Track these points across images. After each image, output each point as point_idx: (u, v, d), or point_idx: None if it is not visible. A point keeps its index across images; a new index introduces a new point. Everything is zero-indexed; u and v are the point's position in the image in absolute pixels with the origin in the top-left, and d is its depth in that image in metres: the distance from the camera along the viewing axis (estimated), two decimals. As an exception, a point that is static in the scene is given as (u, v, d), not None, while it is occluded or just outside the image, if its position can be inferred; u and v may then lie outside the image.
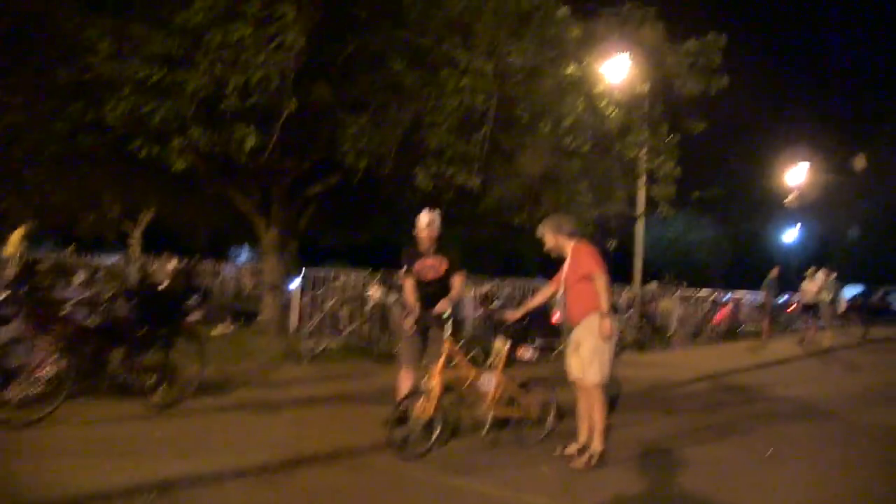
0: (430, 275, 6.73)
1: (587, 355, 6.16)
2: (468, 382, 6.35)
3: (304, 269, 11.58)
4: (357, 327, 11.57)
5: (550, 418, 6.94)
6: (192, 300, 7.43)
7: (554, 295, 6.91)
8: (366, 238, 24.96)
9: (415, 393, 6.19)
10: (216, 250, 29.77)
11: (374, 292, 11.14)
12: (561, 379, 8.95)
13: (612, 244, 24.66)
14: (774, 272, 21.56)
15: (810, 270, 21.35)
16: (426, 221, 6.67)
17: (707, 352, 16.53)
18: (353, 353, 11.31)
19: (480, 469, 6.02)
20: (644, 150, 13.93)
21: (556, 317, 7.14)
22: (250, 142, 8.20)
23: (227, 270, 24.58)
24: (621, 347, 14.48)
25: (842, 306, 21.01)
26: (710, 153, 25.76)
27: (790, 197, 30.73)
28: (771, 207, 46.95)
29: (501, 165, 10.05)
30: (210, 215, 19.78)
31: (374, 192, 14.74)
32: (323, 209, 14.88)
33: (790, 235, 54.16)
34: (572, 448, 6.43)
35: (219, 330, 13.12)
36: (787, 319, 23.85)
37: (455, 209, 11.85)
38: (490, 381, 6.42)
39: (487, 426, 6.54)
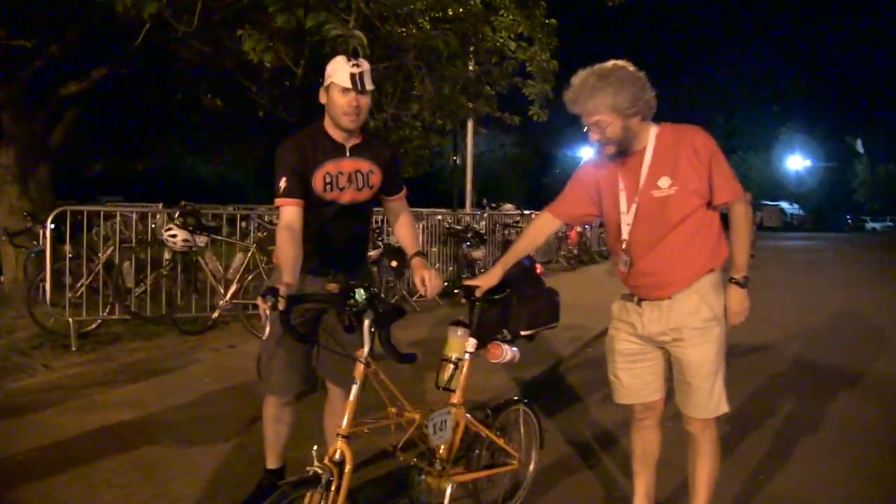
0: (349, 194, 3.28)
1: (706, 360, 3.07)
2: (405, 436, 3.07)
3: (57, 206, 7.63)
4: (149, 287, 7.84)
5: (533, 459, 3.88)
6: None
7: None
8: (147, 166, 20.17)
9: (303, 483, 2.68)
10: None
11: (176, 235, 7.42)
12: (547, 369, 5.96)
13: (454, 158, 21.88)
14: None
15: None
16: (350, 74, 3.09)
17: (577, 281, 14.24)
18: (147, 327, 7.61)
19: None
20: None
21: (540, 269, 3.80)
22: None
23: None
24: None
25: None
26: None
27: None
28: (570, 123, 46.28)
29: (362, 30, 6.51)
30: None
31: (159, 95, 10.76)
32: (85, 121, 10.68)
33: (587, 152, 54.59)
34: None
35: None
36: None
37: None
38: (444, 427, 3.16)
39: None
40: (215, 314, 7.72)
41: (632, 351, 3.26)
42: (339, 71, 3.09)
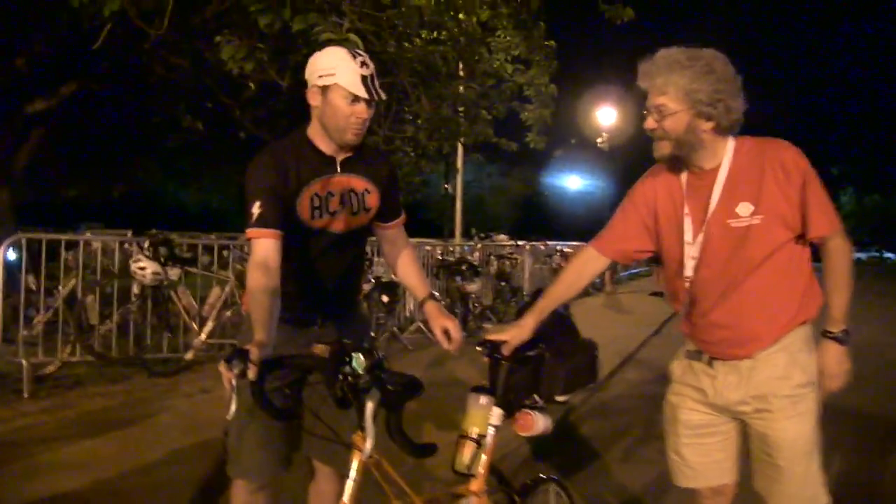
0: (343, 220, 2.60)
1: (801, 437, 2.43)
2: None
3: (18, 231, 6.92)
4: (116, 324, 7.11)
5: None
6: None
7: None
8: (124, 191, 19.28)
9: None
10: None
11: (145, 267, 6.72)
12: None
13: (445, 186, 21.27)
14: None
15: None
16: (361, 77, 2.38)
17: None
18: (112, 369, 6.85)
19: None
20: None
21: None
22: None
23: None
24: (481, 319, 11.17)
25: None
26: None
27: (601, 139, 28.92)
28: (560, 153, 45.78)
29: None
30: None
31: (135, 116, 10.10)
32: (55, 143, 10.01)
33: (575, 182, 54.04)
34: None
35: None
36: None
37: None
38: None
39: None
40: (189, 355, 6.99)
41: (700, 423, 2.59)
42: (344, 70, 2.39)
